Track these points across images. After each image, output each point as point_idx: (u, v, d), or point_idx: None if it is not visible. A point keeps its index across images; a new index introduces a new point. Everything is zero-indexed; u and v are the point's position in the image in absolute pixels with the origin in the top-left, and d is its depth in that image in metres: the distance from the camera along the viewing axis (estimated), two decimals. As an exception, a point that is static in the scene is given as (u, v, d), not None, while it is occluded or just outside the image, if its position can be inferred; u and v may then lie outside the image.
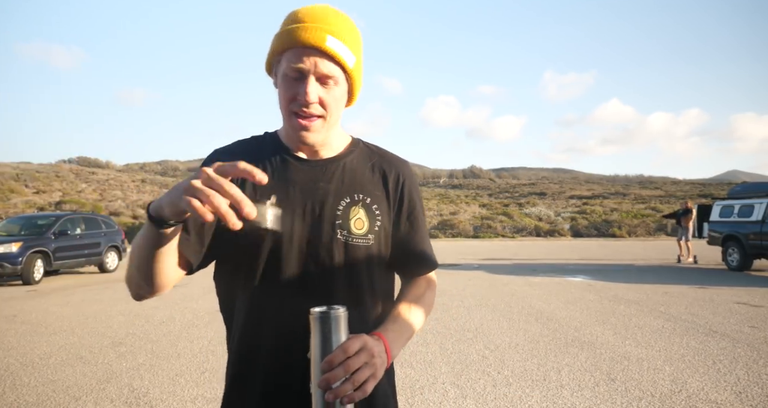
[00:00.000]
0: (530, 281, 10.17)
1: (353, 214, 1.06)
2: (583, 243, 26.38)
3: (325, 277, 1.04)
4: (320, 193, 1.05)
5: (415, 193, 1.15)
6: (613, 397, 3.66)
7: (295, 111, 0.99)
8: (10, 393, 3.89)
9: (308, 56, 0.95)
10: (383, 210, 1.09)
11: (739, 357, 4.62)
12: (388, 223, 1.09)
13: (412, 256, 1.15)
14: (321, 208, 1.04)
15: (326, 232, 1.03)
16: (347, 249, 1.04)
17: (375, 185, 1.10)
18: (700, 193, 50.56)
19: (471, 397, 3.69)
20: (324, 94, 0.98)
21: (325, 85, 0.98)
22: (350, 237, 1.04)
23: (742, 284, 9.46)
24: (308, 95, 0.96)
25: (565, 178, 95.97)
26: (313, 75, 0.96)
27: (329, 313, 0.84)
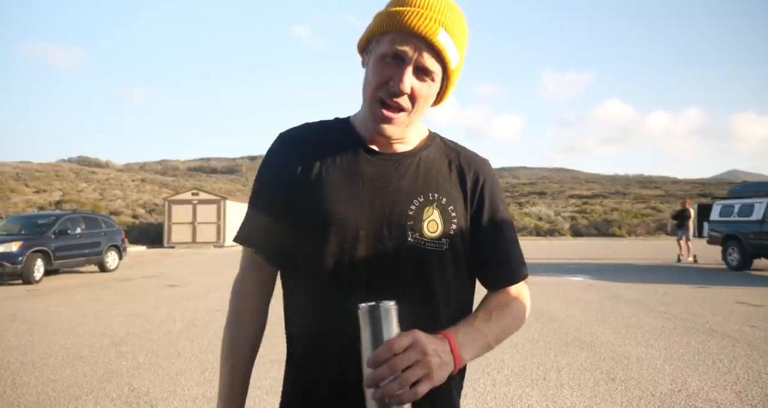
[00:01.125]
0: (530, 281, 10.00)
1: (427, 215, 0.96)
2: (583, 242, 26.39)
3: (393, 283, 0.95)
4: (392, 190, 0.96)
5: (497, 195, 1.04)
6: (613, 396, 3.66)
7: (382, 98, 0.90)
8: (11, 392, 3.89)
9: (415, 44, 0.87)
10: (460, 212, 0.99)
11: (739, 356, 4.62)
12: (465, 226, 0.99)
13: (494, 264, 1.04)
14: (392, 206, 0.95)
15: (396, 233, 0.94)
16: (419, 254, 0.95)
17: (452, 184, 1.00)
18: (700, 193, 50.56)
19: (471, 396, 3.69)
20: (417, 87, 0.90)
21: (421, 79, 0.90)
22: (422, 240, 0.95)
23: (742, 284, 9.46)
24: (403, 84, 0.87)
25: (565, 178, 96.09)
26: (413, 64, 0.88)
27: (378, 306, 0.79)
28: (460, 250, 0.99)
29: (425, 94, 0.91)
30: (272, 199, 1.00)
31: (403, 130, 0.95)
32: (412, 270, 0.95)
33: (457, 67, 0.94)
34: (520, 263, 1.08)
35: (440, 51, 0.88)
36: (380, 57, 0.90)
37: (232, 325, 1.03)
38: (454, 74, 0.94)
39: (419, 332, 0.80)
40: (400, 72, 0.88)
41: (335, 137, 1.01)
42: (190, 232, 23.79)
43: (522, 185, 74.21)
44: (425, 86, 0.91)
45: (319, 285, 0.96)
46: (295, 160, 0.99)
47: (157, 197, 37.21)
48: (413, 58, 0.87)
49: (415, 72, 0.89)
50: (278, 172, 1.00)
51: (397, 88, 0.88)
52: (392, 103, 0.90)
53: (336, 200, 0.95)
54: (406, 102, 0.90)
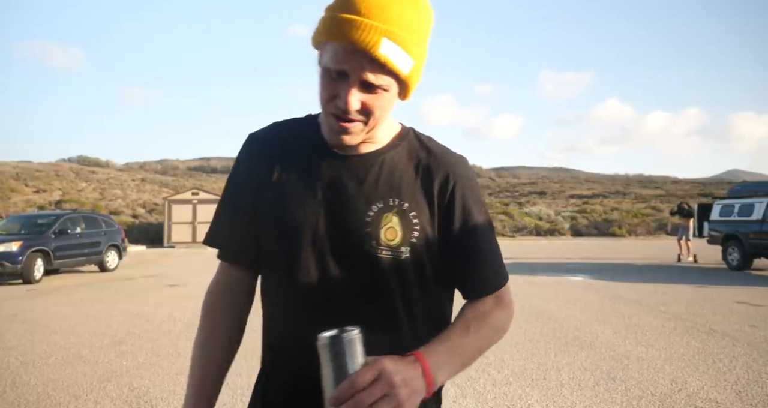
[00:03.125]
0: (530, 280, 10.17)
1: (385, 221, 0.90)
2: (584, 242, 26.39)
3: (350, 295, 0.90)
4: (350, 194, 0.91)
5: (470, 198, 0.95)
6: (613, 396, 3.66)
7: (333, 113, 0.85)
8: (11, 392, 3.89)
9: (354, 58, 0.80)
10: (424, 218, 0.92)
11: (739, 356, 4.62)
12: (432, 233, 0.92)
13: (467, 274, 0.96)
14: (349, 212, 0.90)
15: (353, 241, 0.90)
16: (376, 262, 0.90)
17: (416, 188, 0.93)
18: (700, 193, 50.56)
19: (471, 396, 3.69)
20: (369, 100, 0.84)
21: (371, 92, 0.83)
22: (380, 249, 0.89)
23: (742, 283, 9.46)
24: (348, 104, 0.82)
25: (566, 178, 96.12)
26: (357, 81, 0.82)
27: (340, 338, 0.72)
28: (426, 260, 0.92)
29: (379, 105, 0.85)
30: (238, 202, 0.99)
31: (362, 137, 0.89)
32: (369, 280, 0.90)
33: (414, 70, 0.86)
34: (496, 272, 0.97)
35: (384, 64, 0.80)
36: (325, 71, 0.84)
37: (201, 328, 1.02)
38: (412, 77, 0.86)
39: (386, 361, 0.73)
40: (345, 91, 0.82)
41: (302, 137, 0.98)
42: (190, 231, 23.79)
43: (522, 185, 74.20)
44: (377, 98, 0.84)
45: (279, 292, 0.95)
46: (261, 161, 0.97)
47: (157, 197, 37.22)
48: (357, 74, 0.81)
49: (361, 87, 0.82)
50: (244, 174, 0.99)
51: (343, 108, 0.83)
52: (345, 118, 0.85)
53: (294, 205, 0.92)
54: (358, 115, 0.85)
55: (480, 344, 0.91)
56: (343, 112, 0.83)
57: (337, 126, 0.86)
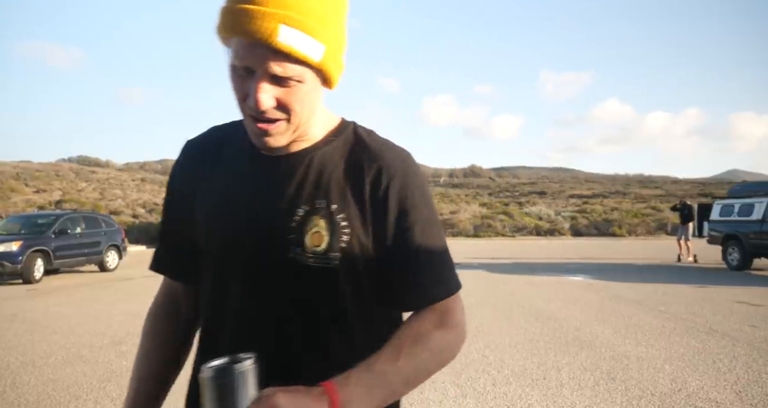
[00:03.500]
0: (530, 280, 10.17)
1: (311, 225, 0.81)
2: (584, 242, 26.39)
3: (273, 309, 0.83)
4: (275, 197, 0.84)
5: (410, 197, 0.84)
6: (613, 396, 3.66)
7: (250, 114, 0.77)
8: (11, 392, 3.89)
9: (255, 51, 0.72)
10: (356, 221, 0.82)
11: (739, 356, 4.62)
12: (365, 238, 0.82)
13: (401, 281, 0.84)
14: (274, 217, 0.83)
15: (276, 249, 0.82)
16: (301, 271, 0.81)
17: (346, 188, 0.83)
18: (700, 192, 50.57)
19: (471, 396, 3.69)
20: (283, 95, 0.76)
21: (283, 86, 0.75)
22: (306, 256, 0.81)
23: (742, 283, 9.46)
24: (259, 103, 0.74)
25: (566, 177, 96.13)
26: (265, 75, 0.74)
27: (228, 370, 0.63)
28: (360, 269, 0.83)
29: (296, 99, 0.77)
30: (168, 212, 0.97)
31: (289, 137, 0.81)
32: (293, 291, 0.82)
33: (329, 56, 0.77)
34: (438, 280, 0.84)
35: (288, 53, 0.72)
36: (232, 69, 0.77)
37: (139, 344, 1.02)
38: (327, 63, 0.77)
39: (280, 396, 0.64)
40: (254, 88, 0.74)
41: (235, 139, 0.90)
42: (190, 231, 23.77)
43: (522, 185, 74.22)
44: (292, 91, 0.76)
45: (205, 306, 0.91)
46: (195, 167, 0.92)
47: (157, 197, 37.24)
48: (262, 68, 0.73)
49: (271, 81, 0.75)
50: (179, 181, 0.95)
51: (255, 108, 0.75)
52: (262, 118, 0.77)
53: (219, 212, 0.87)
54: (276, 113, 0.77)
55: (415, 371, 0.77)
56: (256, 112, 0.76)
57: (256, 128, 0.78)
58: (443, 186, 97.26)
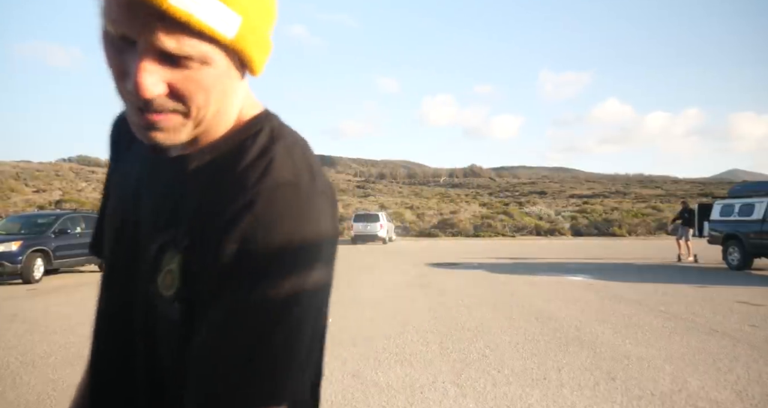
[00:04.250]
0: (530, 280, 10.17)
1: (167, 262, 0.61)
2: (584, 242, 26.39)
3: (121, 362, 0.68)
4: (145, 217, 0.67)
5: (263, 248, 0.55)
6: (613, 396, 3.66)
7: (130, 100, 0.56)
8: (11, 392, 3.89)
9: (137, 16, 0.51)
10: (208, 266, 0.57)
11: (740, 356, 4.62)
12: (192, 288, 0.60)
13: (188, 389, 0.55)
14: (142, 239, 0.66)
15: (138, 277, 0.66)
16: (149, 315, 0.64)
17: (213, 222, 0.58)
18: (700, 192, 50.58)
19: (471, 396, 3.69)
20: (178, 80, 0.55)
21: (179, 67, 0.54)
22: (155, 297, 0.62)
23: (742, 283, 9.46)
24: (140, 89, 0.52)
25: (566, 177, 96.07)
26: (149, 50, 0.52)
27: None
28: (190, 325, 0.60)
29: (199, 86, 0.56)
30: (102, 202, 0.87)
31: (189, 132, 0.59)
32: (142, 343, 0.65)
33: (246, 30, 0.56)
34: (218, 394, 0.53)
35: (186, 23, 0.51)
36: (105, 35, 0.55)
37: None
38: (244, 40, 0.56)
39: None
40: (134, 68, 0.53)
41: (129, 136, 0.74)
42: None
43: (522, 184, 74.21)
44: (193, 75, 0.55)
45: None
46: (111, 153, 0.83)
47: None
48: (146, 40, 0.52)
49: (161, 59, 0.53)
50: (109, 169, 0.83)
51: (134, 95, 0.53)
52: (148, 108, 0.55)
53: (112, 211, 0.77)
54: (169, 103, 0.56)
55: None
56: (138, 99, 0.54)
57: (140, 119, 0.56)
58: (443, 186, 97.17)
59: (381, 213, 24.96)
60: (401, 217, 34.98)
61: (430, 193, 64.70)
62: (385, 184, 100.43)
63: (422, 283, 9.73)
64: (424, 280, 10.24)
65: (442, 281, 9.95)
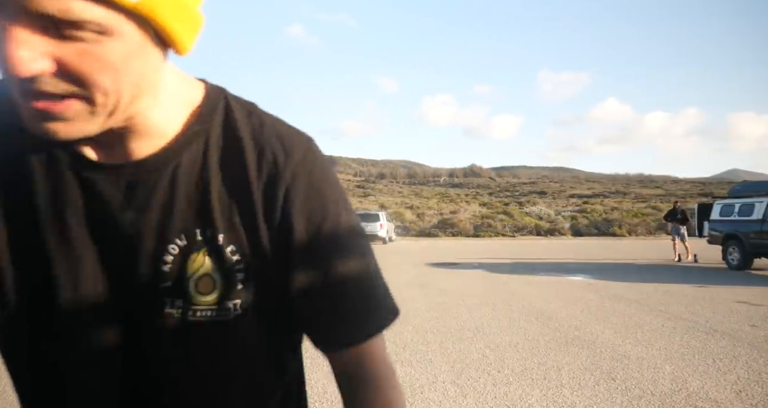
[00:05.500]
0: (530, 280, 10.17)
1: (194, 266, 0.55)
2: (584, 242, 26.40)
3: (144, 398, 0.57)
4: (129, 233, 0.54)
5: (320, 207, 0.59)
6: (613, 396, 3.66)
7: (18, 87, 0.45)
8: (11, 391, 3.88)
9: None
10: (256, 247, 0.57)
11: (740, 356, 4.62)
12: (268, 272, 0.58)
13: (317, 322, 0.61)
14: (132, 261, 0.55)
15: (144, 308, 0.55)
16: (189, 333, 0.56)
17: (232, 206, 0.57)
18: (700, 192, 50.61)
19: (471, 396, 3.69)
20: (70, 55, 0.43)
21: (70, 39, 0.43)
22: (192, 311, 0.56)
23: (742, 283, 9.46)
24: (13, 65, 0.42)
25: (566, 177, 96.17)
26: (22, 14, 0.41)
27: None
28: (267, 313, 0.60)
29: (95, 63, 0.44)
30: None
31: (100, 123, 0.49)
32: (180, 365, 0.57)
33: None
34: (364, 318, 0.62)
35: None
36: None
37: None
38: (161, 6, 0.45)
39: None
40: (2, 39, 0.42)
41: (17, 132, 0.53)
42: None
43: (522, 184, 74.29)
44: (87, 48, 0.44)
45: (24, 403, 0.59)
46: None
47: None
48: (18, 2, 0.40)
49: (42, 26, 0.42)
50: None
51: (10, 72, 0.42)
52: (36, 92, 0.45)
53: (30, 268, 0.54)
54: (60, 85, 0.45)
55: None
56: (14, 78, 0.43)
57: (31, 108, 0.46)
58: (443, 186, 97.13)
59: (381, 213, 24.97)
60: (401, 217, 35.00)
61: (430, 193, 64.67)
62: (385, 184, 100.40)
63: (422, 283, 9.74)
64: (424, 280, 10.24)
65: (441, 281, 9.95)
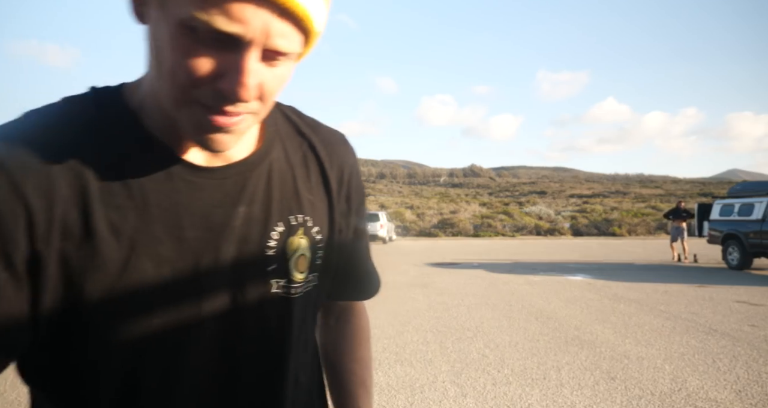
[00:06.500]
0: (530, 280, 10.17)
1: (292, 248, 0.64)
2: (584, 242, 26.39)
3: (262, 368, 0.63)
4: (238, 224, 0.60)
5: (361, 189, 0.77)
6: (613, 395, 3.66)
7: (205, 102, 0.51)
8: (11, 391, 3.90)
9: (257, 14, 0.47)
10: (325, 228, 0.69)
11: (739, 355, 4.62)
12: (333, 244, 0.71)
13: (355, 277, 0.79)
14: (243, 251, 0.60)
15: (254, 289, 0.61)
16: (291, 308, 0.64)
17: (313, 190, 0.68)
18: (700, 192, 50.62)
19: (471, 395, 3.69)
20: (269, 79, 0.52)
21: (271, 64, 0.52)
22: (293, 288, 0.64)
23: (742, 283, 9.46)
24: (244, 91, 0.50)
25: (566, 177, 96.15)
26: (256, 50, 0.49)
27: None
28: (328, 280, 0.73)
29: (281, 84, 0.54)
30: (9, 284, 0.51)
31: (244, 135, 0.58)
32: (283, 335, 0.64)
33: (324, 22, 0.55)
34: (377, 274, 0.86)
35: (302, 18, 0.50)
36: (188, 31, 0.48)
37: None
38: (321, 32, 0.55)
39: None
40: (239, 69, 0.49)
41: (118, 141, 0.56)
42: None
43: (522, 184, 74.27)
44: (279, 73, 0.53)
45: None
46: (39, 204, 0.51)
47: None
48: (261, 38, 0.49)
49: (261, 58, 0.51)
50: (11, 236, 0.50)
51: (235, 96, 0.50)
52: (226, 111, 0.52)
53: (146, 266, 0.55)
54: (252, 106, 0.53)
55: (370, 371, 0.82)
56: (228, 100, 0.51)
57: (210, 123, 0.52)
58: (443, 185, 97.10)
59: (381, 213, 24.96)
60: (401, 217, 35.00)
61: (430, 193, 64.65)
62: (385, 184, 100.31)
63: (422, 282, 9.74)
64: (424, 279, 10.24)
65: (442, 281, 9.95)
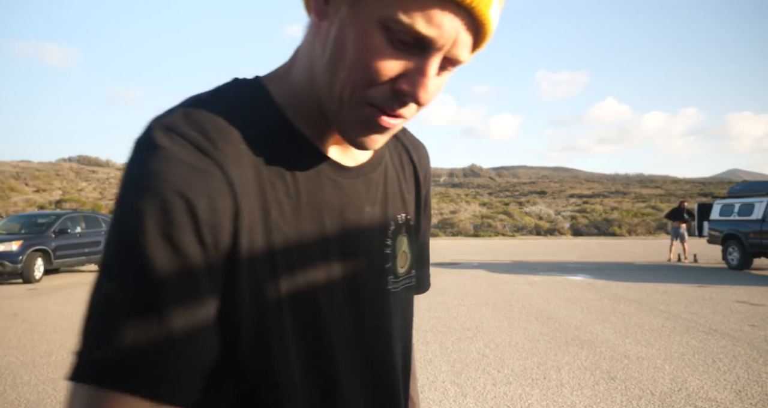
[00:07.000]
0: (530, 280, 10.17)
1: (399, 246, 0.68)
2: (584, 242, 26.39)
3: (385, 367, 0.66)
4: (367, 223, 0.63)
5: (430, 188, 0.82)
6: (613, 395, 3.66)
7: (374, 103, 0.53)
8: (11, 391, 3.90)
9: (453, 23, 0.49)
10: (418, 222, 0.76)
11: (739, 355, 4.62)
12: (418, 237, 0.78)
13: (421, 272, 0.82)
14: (368, 248, 0.63)
15: (374, 288, 0.64)
16: (398, 303, 0.69)
17: (410, 190, 0.73)
18: (700, 192, 50.64)
19: (471, 395, 3.69)
20: (437, 85, 0.55)
21: (442, 72, 0.54)
22: (398, 282, 0.68)
23: (742, 283, 9.46)
24: (425, 95, 0.52)
25: (566, 177, 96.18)
26: (439, 57, 0.52)
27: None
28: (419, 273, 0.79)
29: (438, 92, 0.56)
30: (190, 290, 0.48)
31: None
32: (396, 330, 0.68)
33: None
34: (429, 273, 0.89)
35: (484, 36, 0.52)
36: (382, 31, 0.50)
37: None
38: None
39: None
40: (422, 72, 0.51)
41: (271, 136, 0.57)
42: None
43: (522, 184, 74.28)
44: (441, 80, 0.55)
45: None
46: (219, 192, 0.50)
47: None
48: (449, 45, 0.51)
49: (441, 66, 0.54)
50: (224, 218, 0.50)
51: (414, 97, 0.52)
52: (393, 112, 0.54)
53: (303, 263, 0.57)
54: (410, 109, 0.55)
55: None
56: (403, 101, 0.53)
57: (377, 123, 0.54)
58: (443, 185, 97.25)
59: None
60: (401, 217, 34.89)
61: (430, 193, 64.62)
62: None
63: (422, 282, 9.73)
64: (424, 279, 10.23)
65: (442, 281, 9.95)
